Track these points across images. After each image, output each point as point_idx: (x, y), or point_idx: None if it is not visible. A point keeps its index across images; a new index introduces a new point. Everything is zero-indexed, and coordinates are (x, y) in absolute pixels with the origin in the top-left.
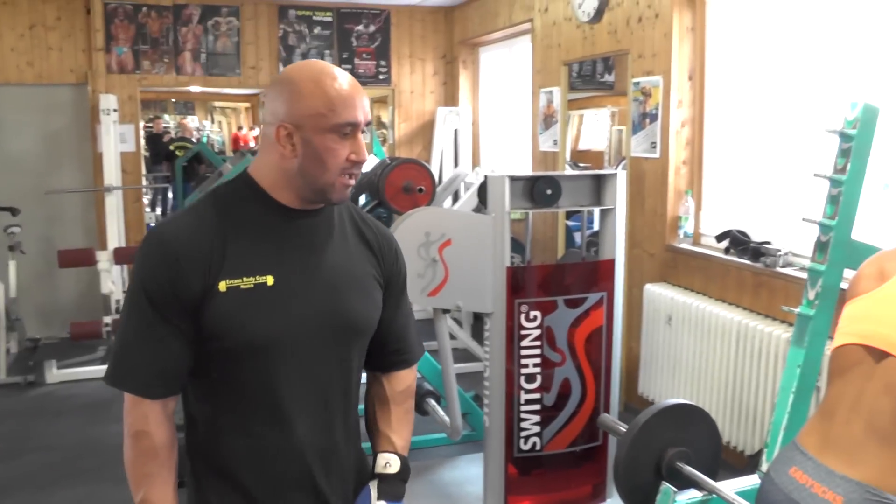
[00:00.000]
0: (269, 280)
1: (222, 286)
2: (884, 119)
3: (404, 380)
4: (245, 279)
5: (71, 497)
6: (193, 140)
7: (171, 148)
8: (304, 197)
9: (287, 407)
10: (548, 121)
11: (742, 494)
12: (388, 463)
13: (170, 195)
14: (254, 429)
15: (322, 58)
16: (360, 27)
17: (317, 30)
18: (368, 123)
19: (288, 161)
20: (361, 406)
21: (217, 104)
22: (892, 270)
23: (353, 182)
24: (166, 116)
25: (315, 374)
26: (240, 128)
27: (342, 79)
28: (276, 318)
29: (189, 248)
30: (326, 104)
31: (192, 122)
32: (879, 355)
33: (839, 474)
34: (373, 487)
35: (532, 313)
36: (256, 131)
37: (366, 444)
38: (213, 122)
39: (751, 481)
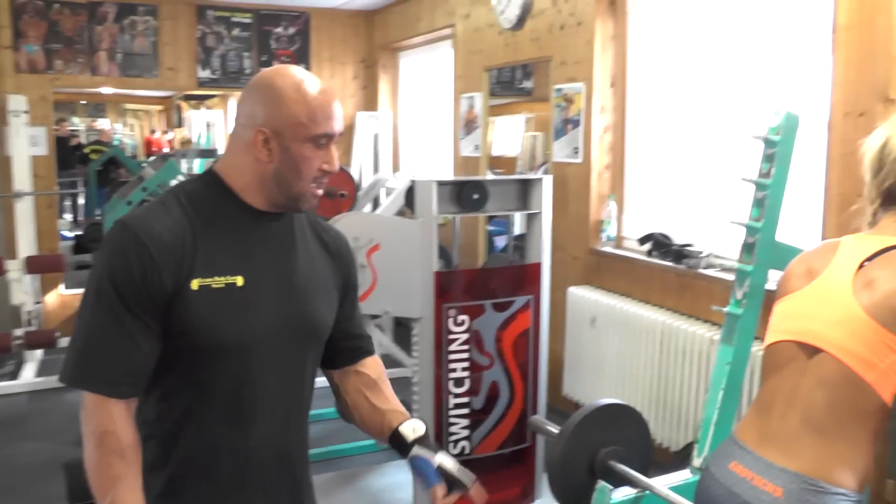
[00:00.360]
0: (240, 281)
1: (194, 284)
2: (802, 126)
3: (378, 364)
4: (217, 279)
5: None
6: (109, 144)
7: (86, 151)
8: (275, 202)
9: (248, 408)
10: (469, 126)
11: (675, 489)
12: (415, 427)
13: (80, 201)
14: (212, 429)
15: (240, 60)
16: (280, 29)
17: (236, 31)
18: (341, 133)
19: (263, 166)
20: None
21: (129, 106)
22: (820, 268)
23: (321, 192)
24: (75, 119)
25: (277, 375)
26: (153, 131)
27: (323, 89)
28: (245, 320)
29: (162, 242)
30: (308, 114)
31: (104, 124)
32: (811, 351)
33: (778, 466)
34: (421, 451)
35: (460, 317)
36: (171, 135)
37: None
38: (125, 125)
39: (682, 476)
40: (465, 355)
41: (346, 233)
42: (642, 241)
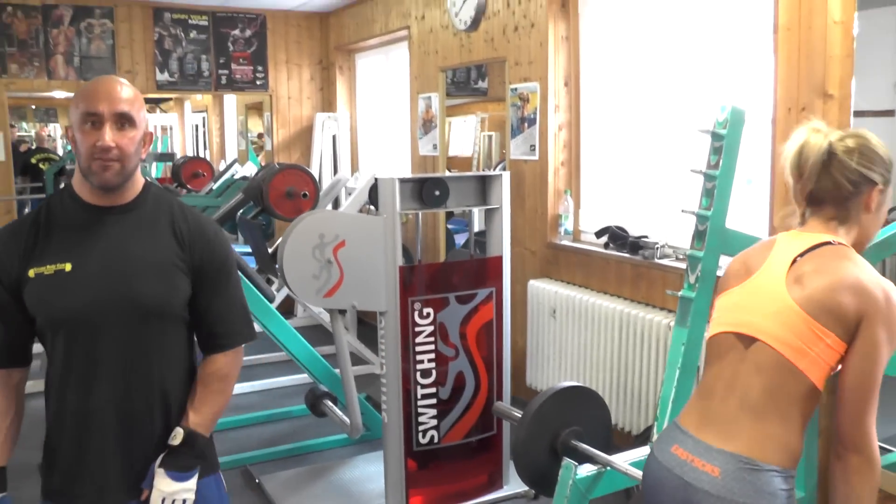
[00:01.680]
0: (67, 266)
1: (31, 273)
2: (748, 120)
3: (216, 362)
4: (48, 266)
5: None
6: (57, 152)
7: (33, 161)
8: (90, 188)
9: (86, 375)
10: (427, 126)
11: (634, 465)
12: (175, 435)
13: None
14: (63, 394)
15: (198, 62)
16: (237, 31)
17: (193, 34)
18: (124, 117)
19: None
20: None
21: None
22: (756, 265)
23: (108, 165)
24: (24, 125)
25: (110, 348)
26: None
27: (104, 80)
28: (71, 299)
29: (8, 241)
30: (80, 99)
31: (53, 130)
32: (749, 340)
33: (716, 448)
34: (160, 459)
35: (425, 310)
36: None
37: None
38: None
39: (642, 453)
40: (431, 347)
41: (311, 230)
42: (599, 234)
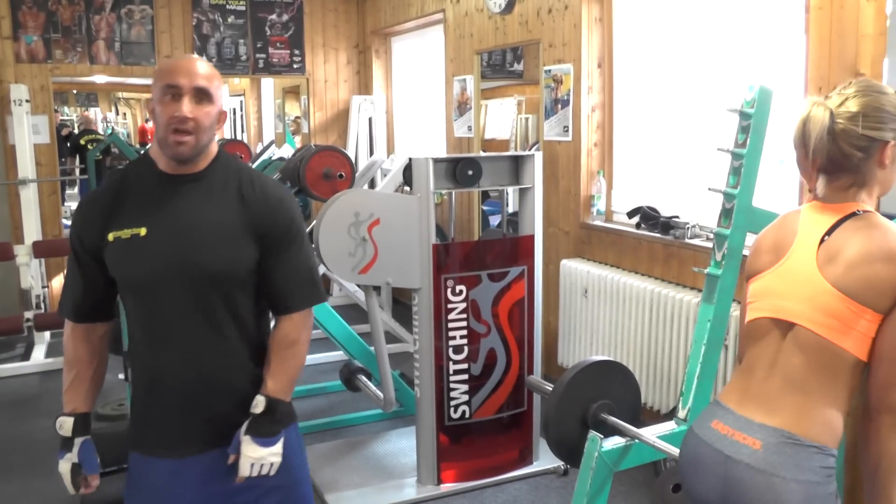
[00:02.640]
0: (142, 231)
1: (110, 237)
2: (777, 100)
3: (283, 327)
4: (125, 230)
5: (3, 493)
6: (100, 133)
7: (82, 142)
8: (167, 157)
9: (157, 336)
10: (462, 108)
11: (662, 438)
12: (256, 403)
13: (69, 190)
14: (140, 350)
15: (236, 47)
16: (274, 16)
17: (230, 18)
18: (202, 91)
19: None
20: None
21: (122, 95)
22: (785, 245)
23: (182, 138)
24: (66, 109)
25: (179, 310)
26: (146, 119)
27: (185, 58)
28: (143, 263)
29: (91, 206)
30: (159, 74)
31: (94, 114)
32: (787, 325)
33: (757, 423)
34: (244, 426)
35: (458, 287)
36: None
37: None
38: (117, 113)
39: (669, 427)
40: (464, 324)
41: (347, 208)
42: (630, 214)
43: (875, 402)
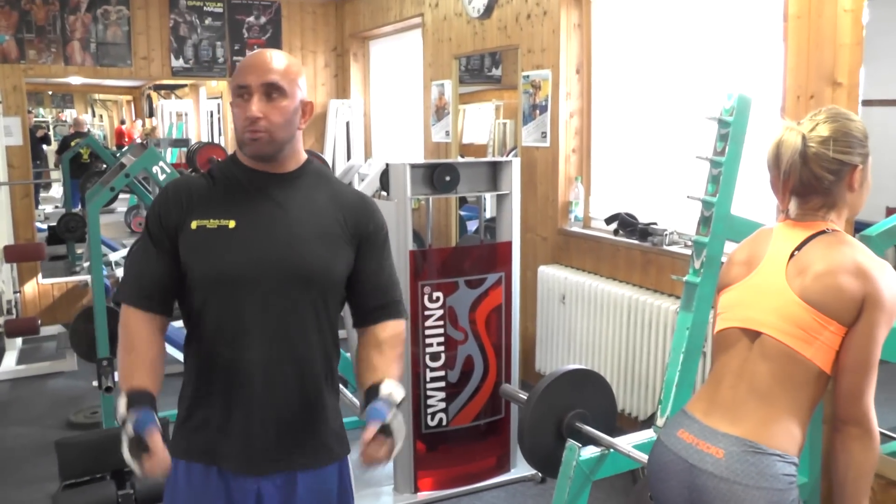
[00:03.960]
0: (231, 224)
1: (193, 224)
2: (755, 108)
3: (393, 327)
4: (212, 220)
5: None
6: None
7: (73, 144)
8: (246, 156)
9: (237, 333)
10: (440, 112)
11: (637, 447)
12: (392, 392)
13: (42, 193)
14: (213, 349)
15: (213, 49)
16: (251, 18)
17: (208, 20)
18: (273, 86)
19: None
20: None
21: (98, 97)
22: (756, 259)
23: (257, 136)
24: (41, 110)
25: (267, 310)
26: (122, 122)
27: (260, 52)
28: (230, 256)
29: (178, 190)
30: (236, 73)
31: (69, 115)
32: (754, 334)
33: (721, 432)
34: (387, 405)
35: (435, 294)
36: (140, 125)
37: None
38: (94, 115)
39: (645, 436)
40: (441, 331)
41: None
42: (608, 220)
43: (841, 414)
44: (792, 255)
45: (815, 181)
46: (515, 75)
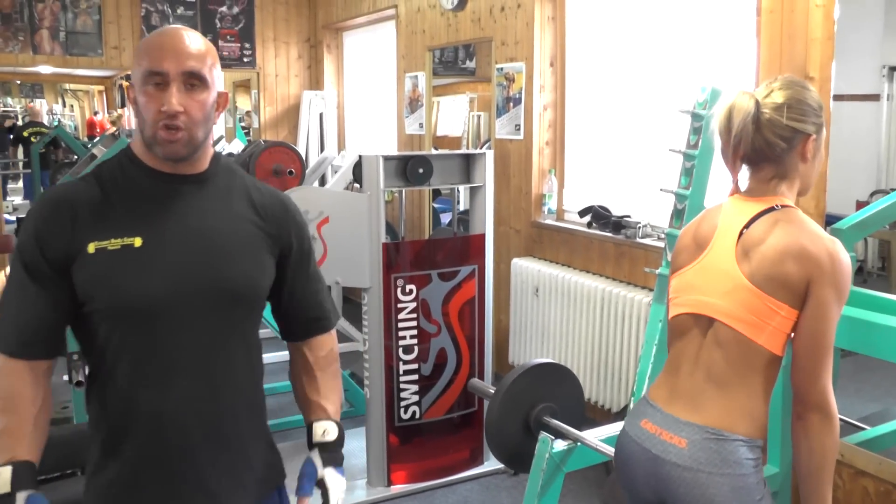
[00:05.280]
0: (137, 241)
1: (91, 248)
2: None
3: (325, 344)
4: (113, 241)
5: None
6: (46, 125)
7: (25, 135)
8: (156, 156)
9: (162, 371)
10: (413, 104)
11: (606, 441)
12: (326, 430)
13: (11, 185)
14: (131, 393)
15: None
16: (224, 8)
17: (180, 10)
18: (194, 75)
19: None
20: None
21: (69, 86)
22: (705, 240)
23: (174, 135)
24: (9, 100)
25: (192, 338)
26: (95, 112)
27: (170, 31)
28: (144, 281)
29: (58, 208)
30: (145, 54)
31: (41, 105)
32: (707, 321)
33: (683, 421)
34: (315, 457)
35: (408, 287)
36: (113, 115)
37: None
38: (64, 105)
39: (613, 429)
40: (414, 323)
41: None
42: (582, 213)
43: (801, 399)
44: (741, 234)
45: (766, 148)
46: (489, 68)
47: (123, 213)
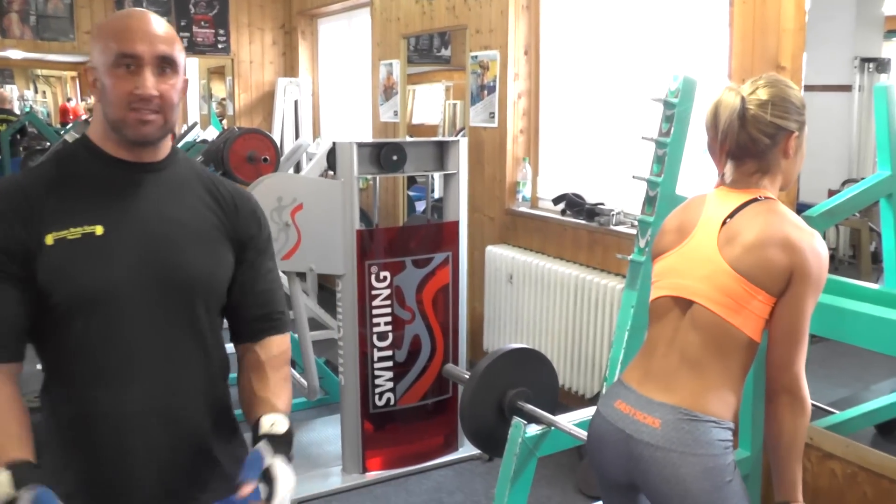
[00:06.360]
0: (98, 230)
1: (49, 239)
2: (701, 90)
3: (279, 345)
4: (72, 230)
5: None
6: (15, 111)
7: None
8: (118, 141)
9: (120, 366)
10: (388, 92)
11: (579, 425)
12: (275, 423)
13: None
14: (88, 392)
15: None
16: None
17: None
18: (166, 59)
19: (100, 106)
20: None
21: (41, 72)
22: (689, 227)
23: (145, 117)
24: None
25: (151, 330)
26: (68, 99)
27: (135, 13)
28: (105, 269)
29: (13, 200)
30: (112, 36)
31: (11, 91)
32: (686, 303)
33: (657, 401)
34: (262, 447)
35: (382, 274)
36: (86, 102)
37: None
38: (36, 91)
39: (586, 414)
40: (388, 310)
41: (269, 192)
42: (556, 201)
43: (773, 383)
44: (724, 223)
45: (751, 144)
46: (464, 56)
47: (82, 202)
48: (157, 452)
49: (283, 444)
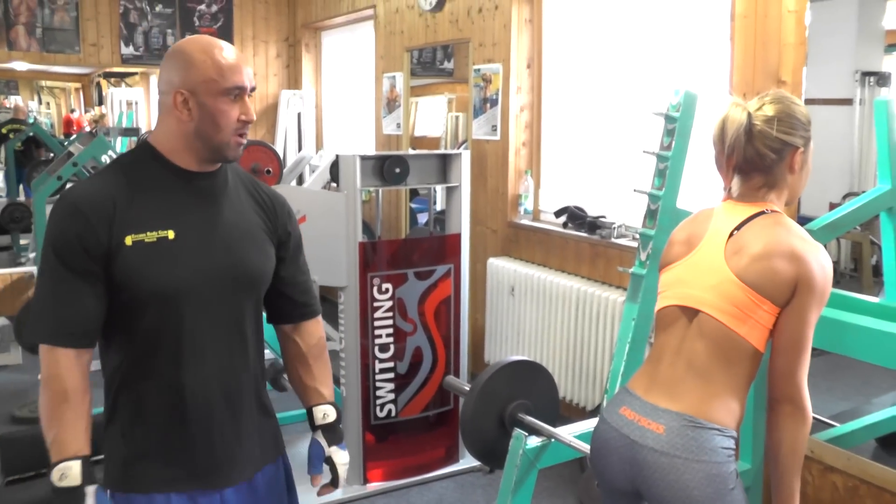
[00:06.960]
0: (171, 234)
1: (128, 240)
2: (702, 104)
3: (314, 332)
4: (149, 234)
5: None
6: (25, 122)
7: (3, 131)
8: (202, 157)
9: (189, 351)
10: (391, 105)
11: (579, 437)
12: (326, 414)
13: None
14: (160, 372)
15: (164, 36)
16: (203, 7)
17: (158, 7)
18: (253, 89)
19: (185, 125)
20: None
21: (45, 83)
22: (698, 236)
23: (244, 140)
24: None
25: (214, 320)
26: (72, 110)
27: (228, 49)
28: (178, 269)
29: (95, 205)
30: (217, 71)
31: (17, 101)
32: (693, 312)
33: (662, 408)
34: (320, 438)
35: (384, 286)
36: (91, 113)
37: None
38: (40, 102)
39: (587, 426)
40: (390, 322)
41: None
42: (558, 213)
43: (775, 393)
44: (731, 235)
45: (757, 158)
46: (467, 69)
47: (156, 208)
48: (216, 424)
49: (334, 430)
